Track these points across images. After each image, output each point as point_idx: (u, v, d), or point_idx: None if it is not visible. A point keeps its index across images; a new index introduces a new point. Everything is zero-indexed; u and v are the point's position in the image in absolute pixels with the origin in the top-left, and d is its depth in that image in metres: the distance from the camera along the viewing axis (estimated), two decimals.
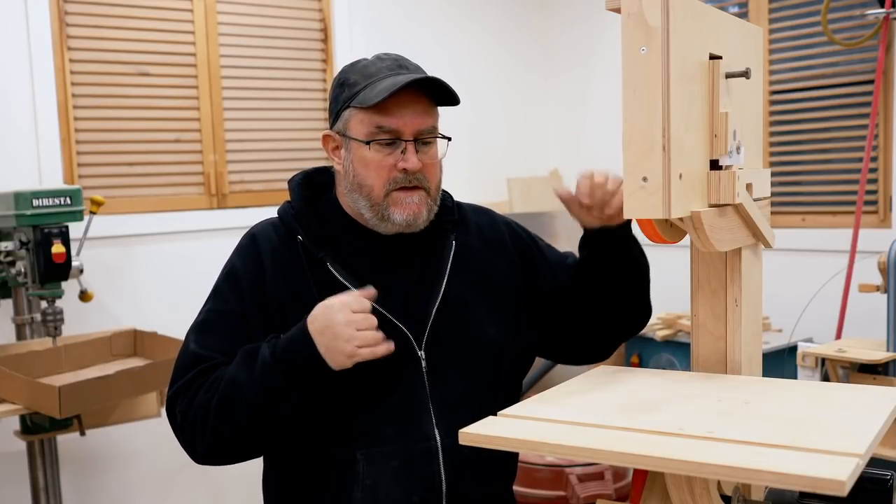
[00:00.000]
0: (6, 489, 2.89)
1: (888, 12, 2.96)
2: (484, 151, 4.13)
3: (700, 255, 1.31)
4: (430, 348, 1.45)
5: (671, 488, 1.10)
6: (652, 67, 1.07)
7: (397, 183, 1.43)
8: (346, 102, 1.44)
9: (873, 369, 2.29)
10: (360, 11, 3.76)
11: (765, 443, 0.97)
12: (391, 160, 1.42)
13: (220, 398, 1.35)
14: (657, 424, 1.05)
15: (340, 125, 1.46)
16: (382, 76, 1.42)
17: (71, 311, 2.77)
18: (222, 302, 1.46)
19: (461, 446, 1.41)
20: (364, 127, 1.42)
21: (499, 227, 1.63)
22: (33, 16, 2.96)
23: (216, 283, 1.50)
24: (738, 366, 1.30)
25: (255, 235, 1.51)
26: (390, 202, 1.43)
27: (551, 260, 1.63)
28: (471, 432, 1.07)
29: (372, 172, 1.43)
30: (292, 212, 1.50)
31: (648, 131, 1.08)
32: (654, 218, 1.11)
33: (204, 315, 1.48)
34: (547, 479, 3.03)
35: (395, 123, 1.41)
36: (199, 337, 1.45)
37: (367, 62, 1.48)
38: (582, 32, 4.26)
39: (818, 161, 3.42)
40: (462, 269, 1.51)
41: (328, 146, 1.51)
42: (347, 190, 1.47)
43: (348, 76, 1.46)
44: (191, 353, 1.44)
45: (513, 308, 1.56)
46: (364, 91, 1.41)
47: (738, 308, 1.29)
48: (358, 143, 1.43)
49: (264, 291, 1.44)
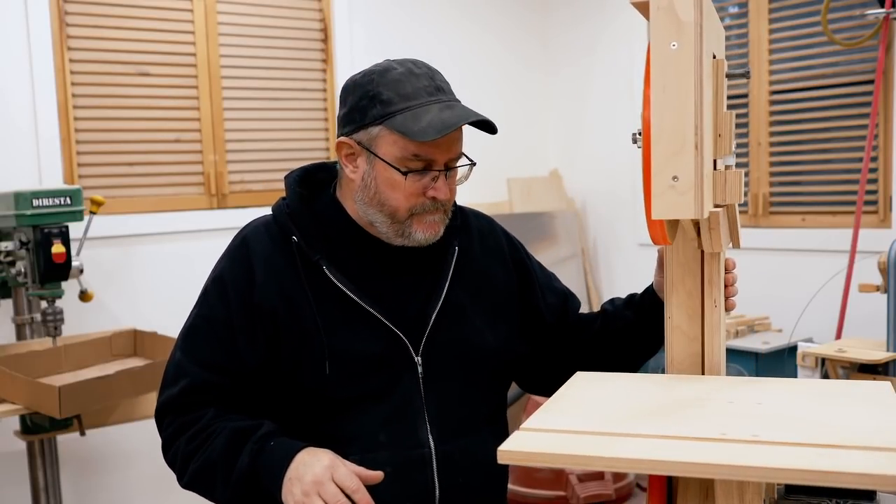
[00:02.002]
0: (6, 489, 2.89)
1: (888, 12, 2.96)
2: (484, 151, 4.12)
3: (675, 257, 1.30)
4: (427, 354, 1.42)
5: (719, 494, 1.09)
6: (683, 63, 1.04)
7: (424, 209, 1.40)
8: (379, 120, 1.36)
9: (873, 369, 2.29)
10: (360, 11, 3.76)
11: (819, 444, 0.96)
12: (420, 187, 1.38)
13: (198, 470, 1.36)
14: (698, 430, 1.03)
15: (365, 138, 1.38)
16: (423, 102, 1.36)
17: (71, 311, 2.77)
18: (208, 308, 1.44)
19: (454, 454, 1.40)
20: (398, 151, 1.36)
21: (498, 235, 1.62)
22: (33, 16, 2.96)
23: (204, 287, 1.47)
24: (718, 367, 1.29)
25: (246, 238, 1.46)
26: (413, 221, 1.40)
27: (542, 279, 1.63)
28: (511, 450, 1.02)
29: (399, 196, 1.38)
30: (287, 210, 1.45)
31: (679, 129, 1.05)
32: (686, 218, 1.08)
33: (192, 320, 1.46)
34: (547, 479, 3.04)
35: (432, 154, 1.37)
36: (186, 344, 1.44)
37: (399, 75, 1.39)
38: (582, 32, 4.26)
39: (818, 161, 3.42)
40: (462, 274, 1.50)
41: (342, 152, 1.43)
42: (362, 201, 1.42)
43: (380, 91, 1.37)
44: (176, 362, 1.43)
45: (508, 317, 1.55)
46: (403, 116, 1.35)
47: (718, 309, 1.28)
48: (387, 164, 1.37)
49: (253, 299, 1.40)
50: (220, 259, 1.48)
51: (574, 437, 1.05)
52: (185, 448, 1.38)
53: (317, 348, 1.38)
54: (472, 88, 4.05)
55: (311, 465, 1.26)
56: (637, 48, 3.92)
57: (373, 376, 1.39)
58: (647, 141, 1.07)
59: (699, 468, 0.95)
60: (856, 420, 1.06)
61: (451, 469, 1.41)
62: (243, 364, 1.40)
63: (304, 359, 1.38)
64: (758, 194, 3.56)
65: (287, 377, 1.40)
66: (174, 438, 1.41)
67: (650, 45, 1.06)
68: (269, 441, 1.33)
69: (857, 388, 1.23)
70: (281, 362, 1.39)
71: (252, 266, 1.42)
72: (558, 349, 1.61)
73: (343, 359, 1.38)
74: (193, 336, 1.43)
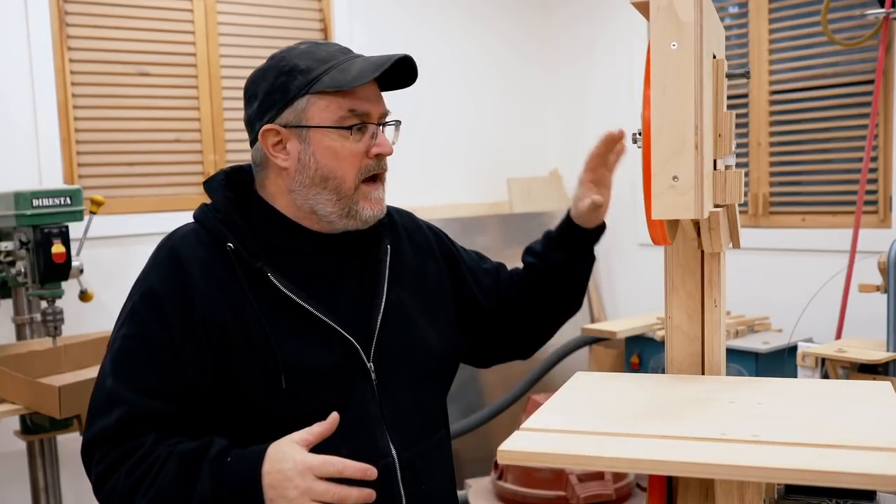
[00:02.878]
0: (6, 489, 2.89)
1: (888, 12, 2.96)
2: (484, 151, 4.14)
3: (675, 257, 1.30)
4: (377, 360, 1.36)
5: (719, 494, 1.09)
6: (684, 63, 1.04)
7: (369, 171, 1.35)
8: (305, 88, 1.31)
9: (873, 369, 2.29)
10: (360, 11, 3.76)
11: (819, 444, 0.96)
12: (362, 146, 1.34)
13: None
14: (698, 430, 1.03)
15: (292, 117, 1.33)
16: (341, 60, 1.33)
17: (71, 311, 2.77)
18: (140, 327, 1.29)
19: (414, 460, 1.36)
20: (332, 113, 1.32)
21: (423, 230, 1.58)
22: (33, 16, 2.96)
23: (130, 305, 1.33)
24: (718, 367, 1.29)
25: (174, 249, 1.34)
26: (359, 196, 1.35)
27: (470, 265, 1.60)
28: (511, 450, 1.01)
29: (344, 162, 1.33)
30: (217, 216, 1.35)
31: (679, 129, 1.05)
32: (686, 218, 1.08)
33: (120, 342, 1.30)
34: (547, 479, 3.03)
35: (366, 107, 1.33)
36: (118, 369, 1.28)
37: (307, 47, 1.36)
38: (582, 31, 4.26)
39: (818, 161, 3.42)
40: (399, 274, 1.44)
41: (268, 141, 1.35)
42: (301, 185, 1.35)
43: (296, 63, 1.33)
44: (108, 390, 1.27)
45: (446, 314, 1.51)
46: (329, 76, 1.31)
47: (718, 309, 1.28)
48: (323, 131, 1.32)
49: (196, 313, 1.28)
50: (145, 274, 1.35)
51: (574, 437, 1.05)
52: (126, 482, 1.23)
53: (269, 362, 1.28)
54: (472, 88, 4.06)
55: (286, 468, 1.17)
56: (637, 48, 3.92)
57: (328, 388, 1.31)
58: (647, 141, 1.07)
59: (699, 468, 0.95)
60: (856, 420, 1.06)
61: (414, 476, 1.36)
62: (191, 387, 1.27)
63: (256, 374, 1.28)
64: (758, 194, 3.56)
65: (237, 396, 1.29)
66: (109, 473, 1.25)
67: (650, 45, 1.06)
68: (226, 458, 1.21)
69: (857, 388, 1.23)
70: (230, 380, 1.29)
71: (188, 277, 1.30)
72: (499, 325, 1.59)
73: (298, 371, 1.29)
74: (125, 359, 1.28)
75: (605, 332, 3.23)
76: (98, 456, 1.27)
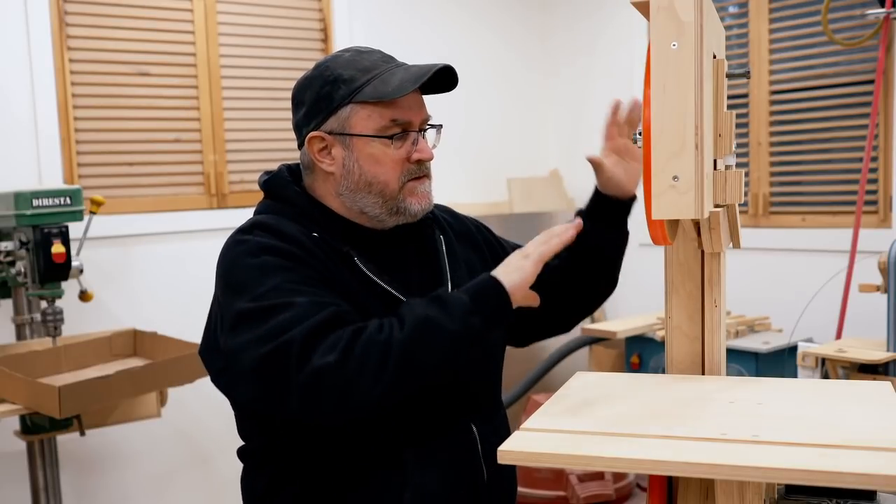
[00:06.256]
0: (6, 489, 2.89)
1: (888, 12, 2.96)
2: (484, 151, 4.13)
3: (675, 257, 1.30)
4: None
5: (720, 494, 1.09)
6: (684, 63, 1.05)
7: (411, 174, 1.40)
8: (348, 98, 1.37)
9: (873, 369, 2.29)
10: (360, 11, 3.76)
11: (819, 444, 0.97)
12: (403, 153, 1.39)
13: (409, 334, 1.20)
14: (698, 430, 1.03)
15: (336, 125, 1.38)
16: (383, 70, 1.38)
17: (71, 311, 2.77)
18: (285, 272, 1.27)
19: (489, 436, 1.43)
20: (375, 122, 1.37)
21: (464, 222, 1.63)
22: (33, 16, 2.96)
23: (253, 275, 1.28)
24: (718, 367, 1.29)
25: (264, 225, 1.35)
26: (406, 193, 1.40)
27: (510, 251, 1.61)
28: (511, 450, 1.02)
29: (387, 168, 1.38)
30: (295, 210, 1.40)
31: (679, 129, 1.05)
32: (686, 218, 1.08)
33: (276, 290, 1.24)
34: (547, 479, 3.04)
35: (407, 115, 1.39)
36: (297, 291, 1.24)
37: (350, 55, 1.42)
38: (582, 31, 4.26)
39: (818, 161, 3.42)
40: (454, 264, 1.50)
41: (314, 148, 1.40)
42: (347, 190, 1.40)
43: (339, 73, 1.38)
44: (305, 303, 1.23)
45: None
46: (371, 86, 1.36)
47: (718, 309, 1.28)
48: (365, 139, 1.37)
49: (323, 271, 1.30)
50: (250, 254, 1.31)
51: (574, 437, 1.05)
52: (373, 337, 1.20)
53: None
54: (472, 88, 4.05)
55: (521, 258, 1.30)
56: (637, 48, 3.92)
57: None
58: (648, 141, 1.07)
59: (699, 468, 0.95)
60: (856, 420, 1.06)
61: (490, 451, 1.40)
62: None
63: None
64: (758, 194, 3.56)
65: None
66: (353, 340, 1.20)
67: (650, 45, 1.06)
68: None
69: (857, 388, 1.23)
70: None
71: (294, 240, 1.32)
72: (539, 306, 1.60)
73: None
74: (298, 291, 1.25)
75: (606, 332, 3.23)
76: (325, 342, 1.20)
